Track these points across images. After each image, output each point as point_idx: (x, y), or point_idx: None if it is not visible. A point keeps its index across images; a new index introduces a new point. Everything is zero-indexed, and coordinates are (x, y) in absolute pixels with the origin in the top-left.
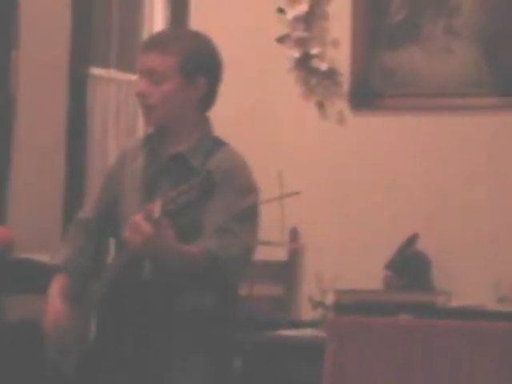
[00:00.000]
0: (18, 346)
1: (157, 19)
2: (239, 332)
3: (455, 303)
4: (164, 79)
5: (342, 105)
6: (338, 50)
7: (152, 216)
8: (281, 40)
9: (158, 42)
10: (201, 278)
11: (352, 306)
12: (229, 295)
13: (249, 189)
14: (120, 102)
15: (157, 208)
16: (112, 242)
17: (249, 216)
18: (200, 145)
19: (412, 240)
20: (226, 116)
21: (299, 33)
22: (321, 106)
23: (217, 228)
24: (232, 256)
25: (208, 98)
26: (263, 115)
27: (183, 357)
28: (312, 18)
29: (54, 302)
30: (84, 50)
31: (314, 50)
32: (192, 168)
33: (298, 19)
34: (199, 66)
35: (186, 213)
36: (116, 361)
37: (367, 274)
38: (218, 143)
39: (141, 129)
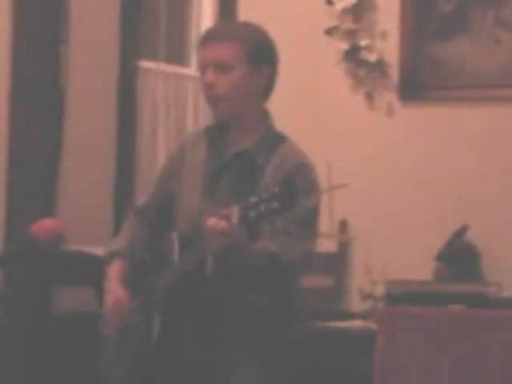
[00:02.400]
0: (69, 337)
1: (205, 12)
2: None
3: (506, 294)
4: (232, 68)
5: (390, 96)
6: (386, 41)
7: (230, 220)
8: (329, 32)
9: (223, 32)
10: (258, 276)
11: (402, 297)
12: (288, 295)
13: (311, 189)
14: (169, 94)
15: (235, 213)
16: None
17: (309, 218)
18: (263, 141)
19: (462, 231)
20: (274, 108)
21: (348, 24)
22: (369, 97)
23: (278, 231)
24: (292, 260)
25: (269, 88)
26: (312, 107)
27: (242, 353)
28: (360, 9)
29: (114, 286)
30: (133, 44)
31: (363, 42)
32: (256, 165)
33: (346, 11)
34: (264, 54)
35: (264, 221)
36: (176, 356)
37: (417, 266)
38: (280, 138)
39: (190, 121)
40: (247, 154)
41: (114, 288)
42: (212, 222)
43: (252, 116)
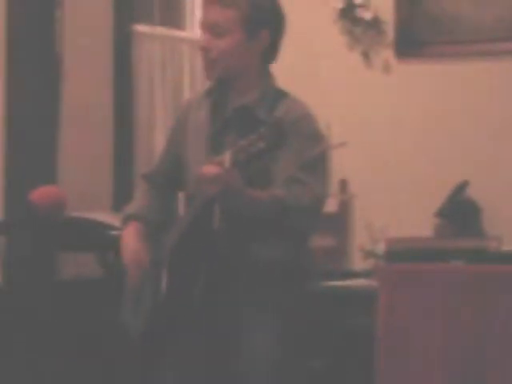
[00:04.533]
0: (72, 303)
1: None
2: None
3: (506, 248)
4: (226, 33)
5: (387, 54)
6: None
7: (223, 165)
8: None
9: None
10: (271, 225)
11: (403, 254)
12: (301, 246)
13: (316, 137)
14: (165, 57)
15: (227, 158)
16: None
17: (318, 165)
18: (264, 96)
19: (462, 187)
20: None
21: None
22: (366, 55)
23: (286, 178)
24: (303, 206)
25: (271, 51)
26: (309, 67)
27: (254, 307)
28: None
29: (131, 241)
30: (127, 8)
31: (358, 0)
32: (258, 119)
33: None
34: (262, 19)
35: (256, 162)
36: (187, 311)
37: (417, 223)
38: (282, 94)
39: (187, 84)
40: (248, 109)
41: (131, 242)
42: (204, 168)
43: (251, 77)
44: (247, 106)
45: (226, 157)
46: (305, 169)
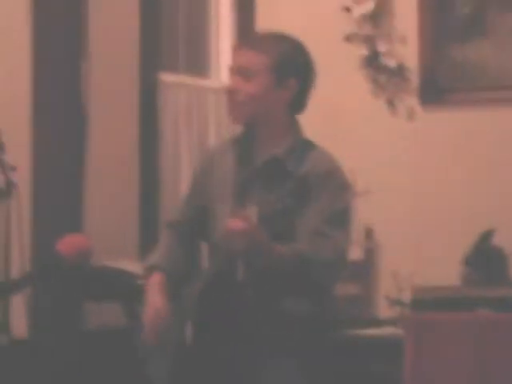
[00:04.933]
0: (98, 353)
1: (223, 22)
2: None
3: None
4: (254, 77)
5: (411, 101)
6: (405, 46)
7: (250, 220)
8: (348, 38)
9: (251, 41)
10: (290, 279)
11: (429, 303)
12: (323, 298)
13: (343, 190)
14: (191, 106)
15: (254, 212)
16: (204, 246)
17: (342, 218)
18: (294, 148)
19: (488, 235)
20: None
21: (366, 30)
22: (391, 103)
23: (310, 231)
24: (325, 260)
25: (299, 101)
26: (334, 114)
27: (278, 357)
28: (378, 15)
29: (155, 297)
30: (153, 57)
31: (382, 48)
32: (287, 172)
33: (364, 17)
34: (291, 67)
35: (282, 218)
36: (211, 362)
37: (444, 271)
38: (310, 145)
39: (212, 133)
40: (278, 161)
41: (154, 299)
42: (231, 223)
43: (278, 126)
44: (277, 157)
45: (253, 211)
46: (329, 222)
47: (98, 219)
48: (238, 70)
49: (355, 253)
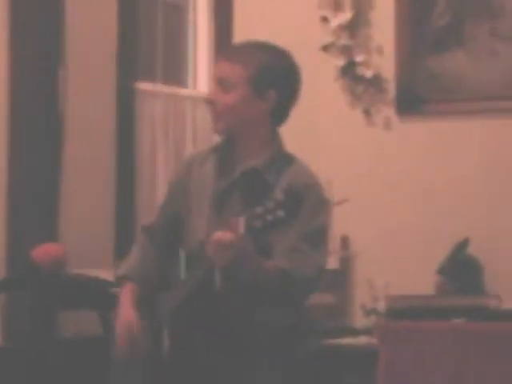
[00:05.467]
0: (72, 361)
1: (201, 32)
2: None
3: (506, 306)
4: (232, 88)
5: (388, 111)
6: (382, 56)
7: (237, 231)
8: (325, 48)
9: (230, 52)
10: (273, 294)
11: (404, 312)
12: (299, 310)
13: (321, 207)
14: (167, 115)
15: (241, 223)
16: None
17: (320, 234)
18: (273, 160)
19: (463, 245)
20: None
21: (343, 41)
22: (367, 113)
23: (289, 248)
24: (305, 277)
25: (280, 113)
26: (310, 124)
27: (254, 367)
28: (356, 25)
29: (125, 310)
30: (130, 65)
31: (359, 58)
32: (266, 183)
33: (341, 27)
34: (270, 79)
35: (271, 230)
36: (187, 373)
37: (419, 280)
38: (289, 159)
39: (189, 142)
40: (257, 172)
41: (125, 312)
42: (219, 234)
43: (258, 137)
44: (257, 169)
45: (241, 222)
46: (307, 240)
47: (73, 227)
48: (217, 81)
49: (331, 262)
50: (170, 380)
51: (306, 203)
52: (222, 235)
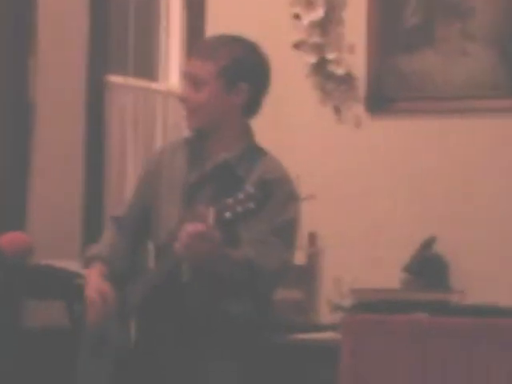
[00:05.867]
0: (38, 351)
1: (173, 26)
2: (270, 337)
3: (470, 302)
4: (204, 84)
5: (358, 109)
6: (353, 54)
7: (206, 222)
8: (297, 45)
9: (199, 49)
10: (235, 283)
11: (368, 305)
12: (263, 302)
13: (290, 200)
14: (138, 108)
15: (210, 214)
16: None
17: (289, 228)
18: (244, 154)
19: (429, 243)
20: None
21: (315, 38)
22: (337, 110)
23: (257, 240)
24: (269, 269)
25: (252, 105)
26: (280, 120)
27: (217, 360)
28: (328, 23)
29: (94, 279)
30: (101, 58)
31: (330, 56)
32: (237, 177)
33: (313, 24)
34: (241, 72)
35: (241, 221)
36: (152, 363)
37: (385, 277)
38: (261, 152)
39: (159, 135)
40: (228, 166)
41: (95, 280)
42: (190, 226)
43: (231, 131)
44: (228, 162)
45: (210, 213)
46: (275, 232)
47: (41, 218)
48: (188, 78)
49: (298, 257)
50: (136, 371)
51: (276, 197)
52: (193, 227)
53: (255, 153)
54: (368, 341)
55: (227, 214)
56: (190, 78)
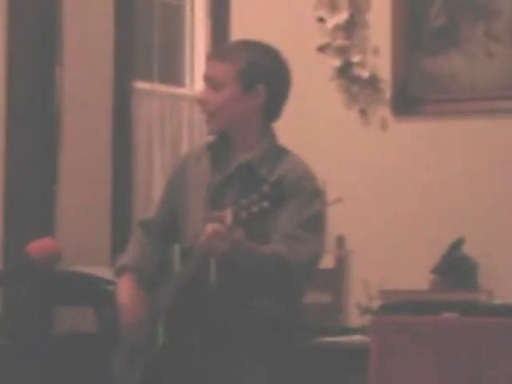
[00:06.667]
0: (67, 358)
1: (198, 31)
2: (302, 339)
3: (498, 301)
4: (222, 86)
5: (384, 111)
6: (378, 57)
7: (224, 222)
8: (322, 49)
9: (218, 51)
10: (270, 281)
11: (397, 306)
12: (294, 303)
13: (315, 196)
14: (164, 114)
15: (228, 215)
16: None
17: (316, 222)
18: (267, 154)
19: (458, 244)
20: None
21: (340, 41)
22: (363, 113)
23: (285, 235)
24: (300, 263)
25: (271, 108)
26: (306, 124)
27: (247, 362)
28: (352, 26)
29: (128, 298)
30: (127, 64)
31: (355, 58)
32: (260, 177)
33: (338, 28)
34: (258, 74)
35: (257, 221)
36: (182, 365)
37: (414, 279)
38: (283, 152)
39: (185, 141)
40: (250, 166)
41: (127, 300)
42: (209, 226)
43: (251, 132)
44: (250, 163)
45: (227, 214)
46: (303, 226)
47: (70, 225)
48: (207, 81)
49: (326, 261)
50: (166, 375)
51: (301, 193)
52: (211, 227)
53: (277, 152)
54: (396, 342)
55: (243, 215)
56: (208, 81)
